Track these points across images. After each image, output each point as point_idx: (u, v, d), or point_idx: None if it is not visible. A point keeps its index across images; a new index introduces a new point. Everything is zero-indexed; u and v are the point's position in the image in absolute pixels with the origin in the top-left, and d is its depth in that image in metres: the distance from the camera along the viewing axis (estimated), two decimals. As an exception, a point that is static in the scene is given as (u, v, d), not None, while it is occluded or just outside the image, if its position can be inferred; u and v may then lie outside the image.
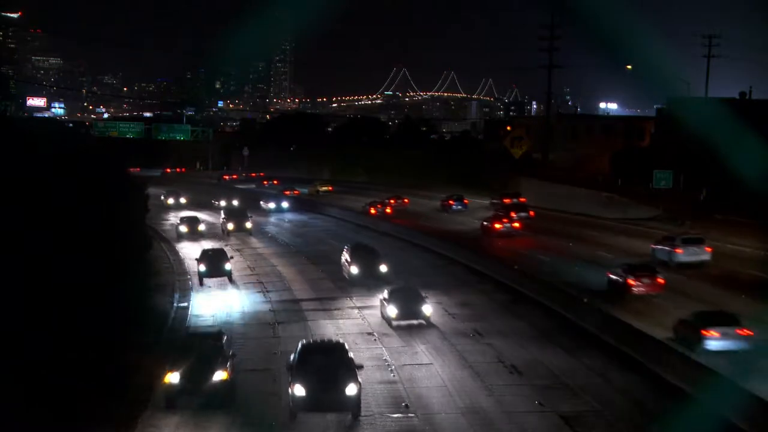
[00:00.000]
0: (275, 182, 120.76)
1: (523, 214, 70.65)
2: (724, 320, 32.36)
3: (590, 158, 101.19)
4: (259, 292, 47.33)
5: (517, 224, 65.94)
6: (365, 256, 47.65)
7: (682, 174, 72.28)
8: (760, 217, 54.38)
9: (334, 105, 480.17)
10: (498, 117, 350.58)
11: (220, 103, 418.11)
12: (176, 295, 45.82)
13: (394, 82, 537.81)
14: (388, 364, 31.73)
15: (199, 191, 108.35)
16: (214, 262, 48.85)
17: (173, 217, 77.58)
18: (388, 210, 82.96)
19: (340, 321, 39.75)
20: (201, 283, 48.50)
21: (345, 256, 48.71)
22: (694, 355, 29.37)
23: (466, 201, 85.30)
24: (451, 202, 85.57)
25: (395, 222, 73.50)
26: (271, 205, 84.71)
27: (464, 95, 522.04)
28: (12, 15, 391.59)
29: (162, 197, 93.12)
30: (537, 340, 34.35)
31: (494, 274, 48.16)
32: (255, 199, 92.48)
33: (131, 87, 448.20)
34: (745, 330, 31.82)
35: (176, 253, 60.80)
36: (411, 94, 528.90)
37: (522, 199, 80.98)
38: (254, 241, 65.96)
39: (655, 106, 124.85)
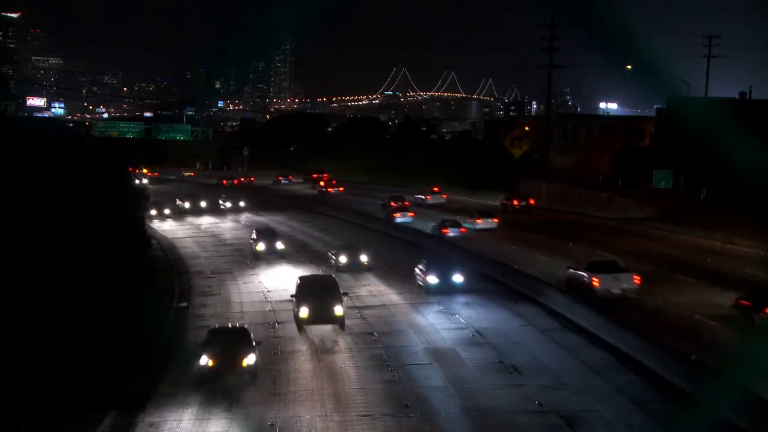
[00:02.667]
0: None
1: (335, 183, 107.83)
2: (452, 224, 64.21)
3: (590, 158, 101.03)
4: None
5: (341, 188, 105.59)
6: None
7: (682, 174, 72.17)
8: (759, 216, 54.27)
9: (334, 105, 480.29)
10: (498, 117, 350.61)
11: (220, 103, 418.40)
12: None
13: (394, 82, 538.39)
14: (389, 364, 31.68)
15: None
16: None
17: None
18: (235, 182, 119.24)
19: None
20: None
21: None
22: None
23: (290, 177, 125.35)
24: (280, 178, 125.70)
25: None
26: (431, 280, 42.63)
27: (464, 95, 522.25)
28: (12, 15, 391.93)
29: (252, 239, 58.90)
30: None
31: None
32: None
33: (131, 87, 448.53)
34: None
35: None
36: (411, 94, 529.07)
37: (325, 175, 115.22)
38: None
39: (655, 106, 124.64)
